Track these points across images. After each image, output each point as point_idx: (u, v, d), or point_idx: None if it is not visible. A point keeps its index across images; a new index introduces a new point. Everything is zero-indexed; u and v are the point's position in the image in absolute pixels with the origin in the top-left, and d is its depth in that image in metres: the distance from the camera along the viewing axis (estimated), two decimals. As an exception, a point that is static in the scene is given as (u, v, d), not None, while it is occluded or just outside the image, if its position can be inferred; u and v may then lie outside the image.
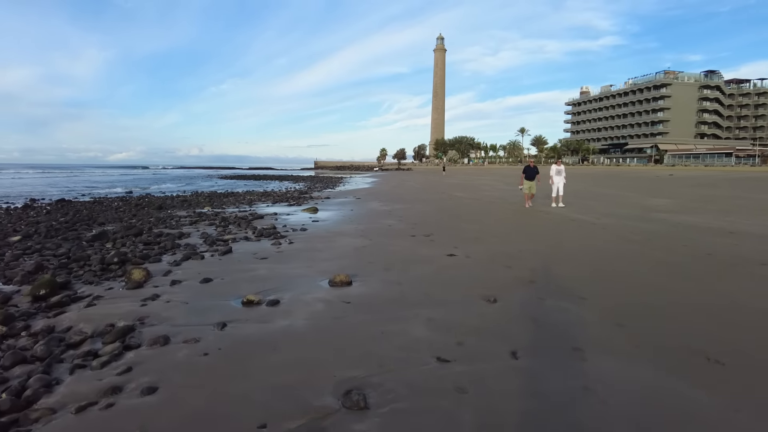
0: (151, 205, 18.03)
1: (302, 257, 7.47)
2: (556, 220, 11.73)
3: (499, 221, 11.79)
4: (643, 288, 5.42)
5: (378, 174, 75.04)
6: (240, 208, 16.62)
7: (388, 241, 8.92)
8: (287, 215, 13.88)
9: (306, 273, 6.39)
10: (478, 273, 6.22)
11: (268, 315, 4.69)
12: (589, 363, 3.44)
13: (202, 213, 15.00)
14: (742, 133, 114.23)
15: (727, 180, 30.95)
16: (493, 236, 9.25)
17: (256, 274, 6.38)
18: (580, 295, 5.07)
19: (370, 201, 19.05)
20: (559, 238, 9.02)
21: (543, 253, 7.57)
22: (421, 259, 7.17)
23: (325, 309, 4.81)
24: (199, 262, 7.38)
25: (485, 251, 7.71)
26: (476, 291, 5.32)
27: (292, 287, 5.66)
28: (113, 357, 3.76)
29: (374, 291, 5.43)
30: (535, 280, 5.79)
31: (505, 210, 14.42)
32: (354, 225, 11.38)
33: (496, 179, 41.04)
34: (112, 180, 54.17)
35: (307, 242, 8.94)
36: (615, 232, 9.51)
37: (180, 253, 8.18)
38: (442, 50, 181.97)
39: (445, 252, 7.65)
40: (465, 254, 7.46)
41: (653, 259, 6.97)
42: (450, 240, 8.85)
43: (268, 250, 8.21)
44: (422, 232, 9.84)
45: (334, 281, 5.77)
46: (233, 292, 5.53)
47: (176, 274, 6.56)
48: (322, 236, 9.62)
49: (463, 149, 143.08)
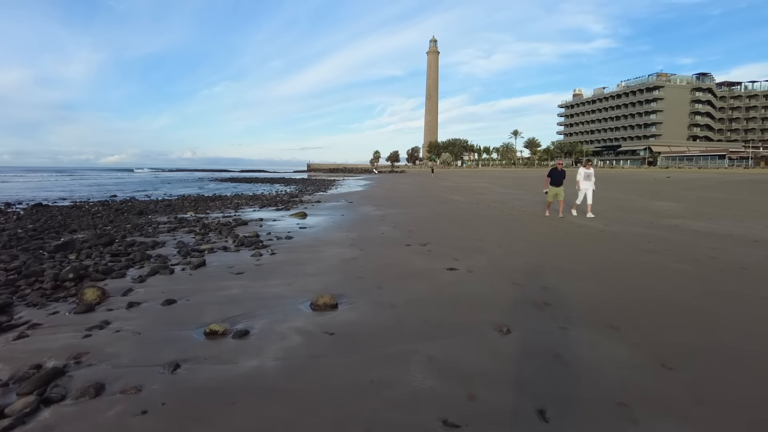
0: (132, 210, 17.06)
1: (283, 272, 6.61)
2: (562, 227, 10.96)
3: (500, 228, 11.00)
4: (683, 314, 4.60)
5: (372, 176, 74.23)
6: (224, 213, 15.72)
7: (381, 251, 8.08)
8: (273, 221, 13.01)
9: (285, 292, 5.53)
10: (483, 292, 5.39)
11: (233, 352, 3.83)
12: (642, 428, 2.62)
13: (183, 219, 14.08)
14: (734, 135, 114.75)
15: (726, 182, 30.41)
16: (496, 245, 8.43)
17: (227, 294, 5.52)
18: (610, 323, 4.25)
19: (362, 205, 18.21)
20: (569, 248, 8.24)
21: (554, 266, 6.77)
22: (417, 273, 6.34)
23: (302, 343, 3.95)
24: (167, 278, 6.51)
25: (489, 264, 6.89)
26: (484, 316, 4.50)
27: (266, 312, 4.80)
28: (20, 418, 2.89)
29: (364, 317, 4.58)
30: (551, 302, 4.97)
31: (505, 215, 13.63)
32: (344, 232, 10.54)
33: (491, 182, 40.35)
34: (101, 183, 52.92)
35: (291, 253, 8.09)
36: (629, 242, 8.73)
37: (148, 266, 7.31)
38: (435, 53, 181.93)
39: (444, 265, 6.83)
40: (467, 268, 6.63)
41: (681, 274, 6.16)
42: (449, 250, 8.03)
43: (246, 262, 7.34)
44: (418, 241, 9.01)
45: (317, 304, 4.92)
46: (197, 318, 4.67)
47: (137, 294, 5.69)
48: (309, 246, 8.76)
49: (457, 152, 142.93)
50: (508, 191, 26.06)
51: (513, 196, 21.48)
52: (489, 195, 22.93)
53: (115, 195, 30.20)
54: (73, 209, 18.29)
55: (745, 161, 77.61)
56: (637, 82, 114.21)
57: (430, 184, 37.30)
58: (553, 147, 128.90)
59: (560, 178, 12.82)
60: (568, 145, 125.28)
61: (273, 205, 19.09)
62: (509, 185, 33.63)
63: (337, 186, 40.00)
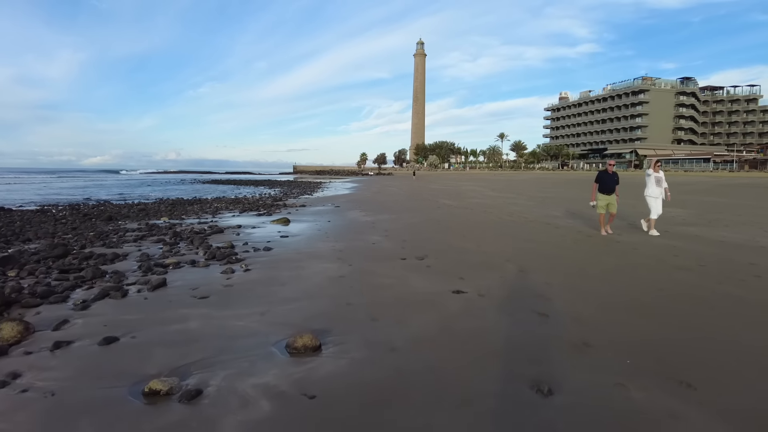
0: (101, 216, 15.73)
1: (256, 295, 5.51)
2: (570, 237, 10.03)
3: (504, 237, 10.02)
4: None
5: (359, 179, 73.22)
6: (201, 219, 14.52)
7: (373, 267, 7.01)
8: (252, 228, 11.87)
9: (255, 327, 4.43)
10: (504, 328, 4.35)
11: (176, 428, 2.75)
12: None
13: (155, 225, 12.87)
14: (717, 139, 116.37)
15: (721, 186, 30.01)
16: (504, 260, 7.42)
17: (183, 330, 4.41)
18: (680, 378, 3.23)
19: (350, 210, 17.13)
20: (584, 263, 7.28)
21: (577, 287, 5.78)
22: (419, 299, 5.28)
23: (272, 414, 2.87)
24: (116, 304, 5.37)
25: (501, 285, 5.86)
26: (512, 366, 3.46)
27: (229, 357, 3.71)
28: None
29: (355, 368, 3.51)
30: (590, 341, 3.96)
31: (505, 222, 12.67)
32: (330, 242, 9.46)
33: (480, 185, 39.61)
34: (79, 185, 50.99)
35: (269, 269, 6.99)
36: (653, 255, 7.79)
37: (100, 285, 6.16)
38: (422, 55, 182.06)
39: (449, 286, 5.79)
40: (476, 290, 5.60)
41: (738, 302, 5.11)
42: (451, 266, 6.99)
43: (214, 282, 6.22)
44: (415, 254, 7.97)
45: (295, 346, 3.84)
46: (138, 367, 3.57)
47: (72, 327, 4.55)
48: (289, 260, 7.66)
49: (444, 154, 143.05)
50: (500, 195, 25.22)
51: (507, 201, 20.60)
52: (482, 199, 22.03)
53: (89, 198, 28.67)
54: (36, 214, 16.89)
55: (729, 165, 78.26)
56: (623, 86, 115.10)
57: (419, 187, 36.38)
58: (540, 150, 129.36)
59: (612, 183, 10.26)
60: (555, 148, 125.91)
61: (255, 209, 17.91)
62: (500, 188, 32.86)
63: (324, 189, 38.85)
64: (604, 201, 10.22)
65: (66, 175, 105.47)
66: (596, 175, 10.60)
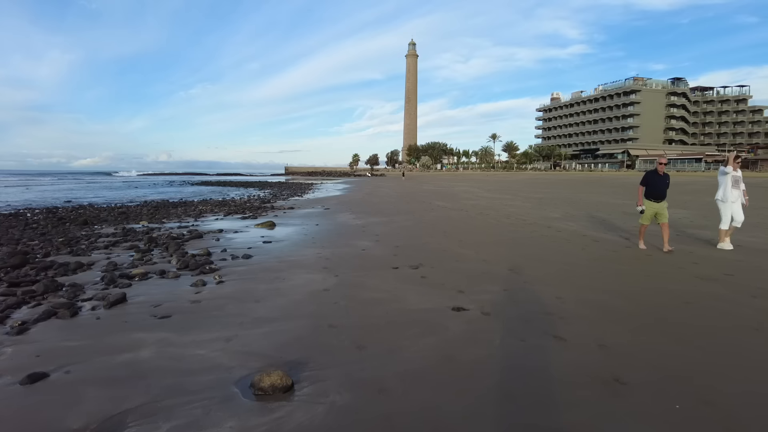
0: (77, 220, 14.85)
1: (225, 315, 4.76)
2: (574, 241, 9.37)
3: (503, 242, 9.34)
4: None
5: (351, 180, 72.49)
6: (182, 223, 13.71)
7: (362, 278, 6.29)
8: (234, 233, 11.10)
9: (217, 357, 3.69)
10: (516, 357, 3.63)
11: None
12: None
13: (132, 230, 12.06)
14: (707, 139, 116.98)
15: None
16: (506, 269, 6.72)
17: (131, 360, 3.66)
18: None
19: (340, 212, 16.39)
20: (595, 272, 6.61)
21: (593, 302, 5.09)
22: (413, 318, 4.56)
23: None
24: (61, 325, 4.61)
25: (507, 300, 5.15)
26: (530, 414, 2.75)
27: (178, 402, 2.97)
28: None
29: (333, 417, 2.78)
30: (622, 376, 3.25)
31: (503, 226, 11.98)
32: (316, 248, 8.71)
33: (474, 186, 39.02)
34: (63, 188, 49.68)
35: (245, 281, 6.24)
36: (668, 261, 7.15)
37: (49, 302, 5.38)
38: (414, 56, 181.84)
39: (447, 301, 5.07)
40: (479, 306, 4.89)
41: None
42: (449, 276, 6.28)
43: (180, 297, 5.47)
44: (408, 262, 7.26)
45: (261, 386, 3.09)
46: (58, 418, 2.81)
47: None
48: (269, 269, 6.92)
49: (436, 155, 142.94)
50: (495, 196, 24.59)
51: (503, 202, 19.96)
52: (477, 200, 21.37)
53: (70, 200, 27.63)
54: (7, 219, 15.94)
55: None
56: (615, 86, 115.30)
57: (411, 189, 35.69)
58: (532, 150, 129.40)
59: (663, 187, 8.31)
60: (547, 149, 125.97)
61: (240, 212, 17.10)
62: (494, 189, 32.25)
63: (315, 190, 38.03)
64: (652, 210, 8.20)
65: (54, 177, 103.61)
66: (643, 177, 8.61)
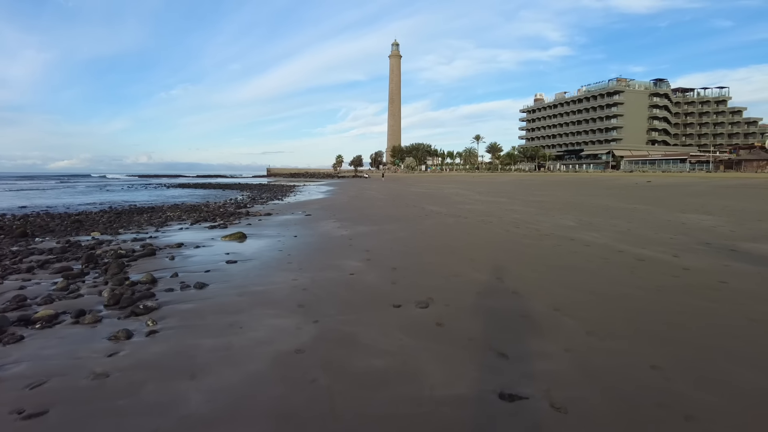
0: (14, 232, 12.65)
1: (135, 406, 2.87)
2: (616, 261, 7.69)
3: (525, 262, 7.60)
4: None
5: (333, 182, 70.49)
6: (139, 234, 11.70)
7: (353, 325, 4.44)
8: (195, 248, 9.16)
9: None
10: None
11: None
12: None
13: (76, 243, 10.06)
14: (689, 140, 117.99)
15: (717, 187, 28.50)
16: (550, 307, 4.91)
17: None
18: None
19: (323, 219, 14.49)
20: (669, 310, 4.91)
21: (717, 374, 3.37)
22: (440, 418, 2.75)
23: None
24: None
25: (581, 374, 3.34)
26: None
27: None
28: None
29: None
30: None
31: (514, 236, 10.22)
32: (292, 272, 6.84)
33: (462, 187, 37.44)
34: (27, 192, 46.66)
35: (187, 330, 4.35)
36: (749, 292, 5.49)
37: None
38: (397, 56, 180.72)
39: (488, 377, 3.25)
40: (541, 390, 3.08)
41: None
42: (475, 322, 4.48)
43: (83, 365, 3.55)
44: (413, 295, 5.44)
45: None
46: None
47: None
48: (224, 308, 5.03)
49: (420, 156, 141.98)
50: (490, 199, 22.96)
51: (501, 206, 18.29)
52: (472, 204, 19.68)
53: (25, 206, 25.09)
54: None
55: (705, 165, 78.42)
56: (598, 87, 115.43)
57: (399, 191, 33.91)
58: (516, 151, 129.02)
59: None
60: (531, 150, 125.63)
61: (211, 219, 15.09)
62: (485, 191, 30.68)
63: (296, 193, 36.00)
64: None
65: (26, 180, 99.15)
66: None
